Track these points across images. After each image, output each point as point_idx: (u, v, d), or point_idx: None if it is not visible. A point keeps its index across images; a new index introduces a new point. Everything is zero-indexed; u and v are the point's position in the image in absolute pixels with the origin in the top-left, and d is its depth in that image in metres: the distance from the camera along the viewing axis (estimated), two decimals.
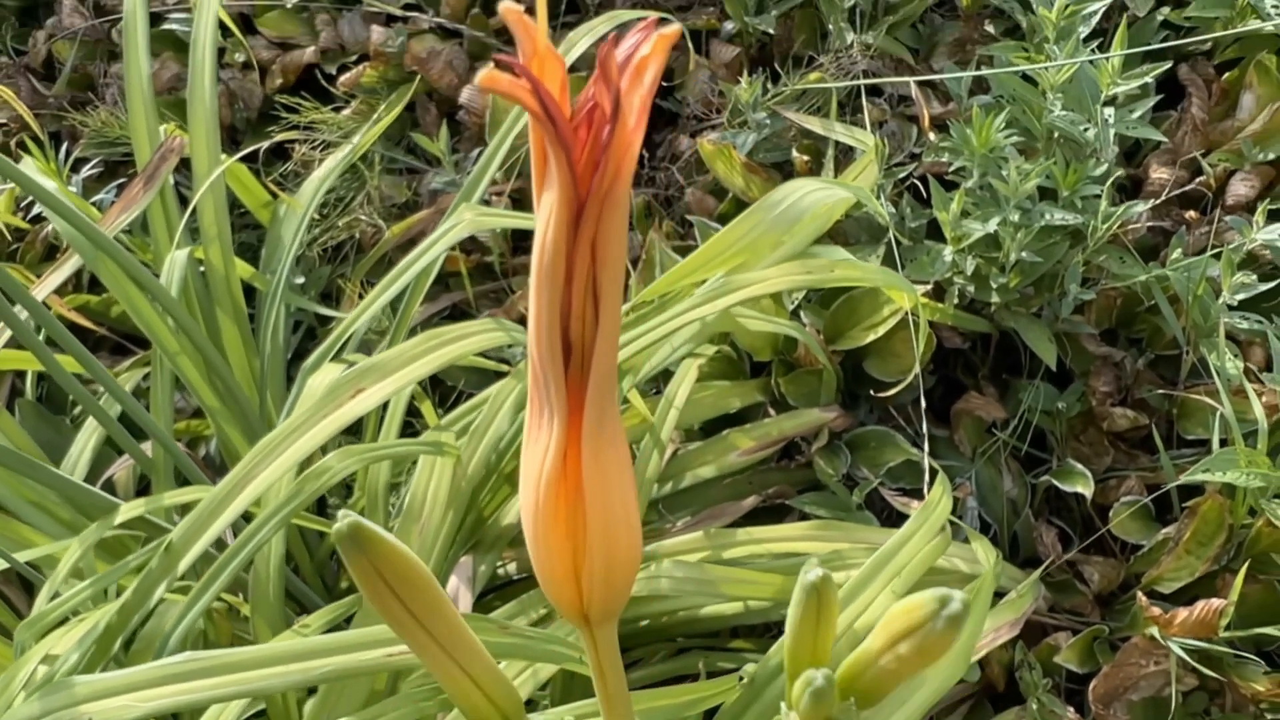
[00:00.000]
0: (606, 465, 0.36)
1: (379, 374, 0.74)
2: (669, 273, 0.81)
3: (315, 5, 1.45)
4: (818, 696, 0.36)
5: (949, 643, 0.35)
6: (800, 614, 0.37)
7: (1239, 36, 1.24)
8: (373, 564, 0.36)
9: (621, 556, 0.38)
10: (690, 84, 1.34)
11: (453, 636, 0.39)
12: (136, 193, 1.08)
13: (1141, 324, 1.17)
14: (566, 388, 0.34)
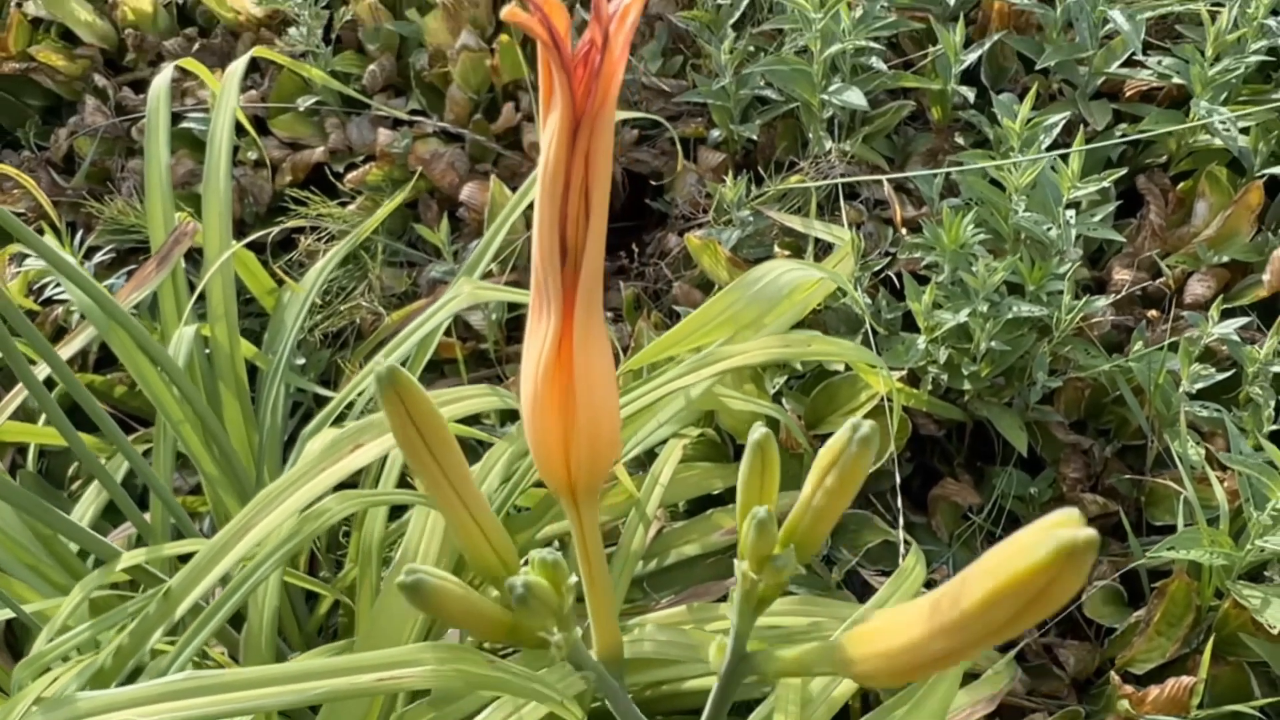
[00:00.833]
0: (592, 353, 0.42)
1: (377, 430, 0.78)
2: (654, 343, 0.86)
3: (326, 109, 1.54)
4: (760, 528, 0.42)
5: (865, 465, 0.41)
6: (748, 469, 0.42)
7: (1192, 150, 1.32)
8: (402, 401, 0.41)
9: (604, 435, 0.44)
10: (679, 186, 1.41)
11: (464, 482, 0.43)
12: (150, 272, 1.13)
13: (1109, 415, 1.22)
14: (562, 284, 0.40)
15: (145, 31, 1.59)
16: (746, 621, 0.45)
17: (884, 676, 0.39)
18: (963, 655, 0.35)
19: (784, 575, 0.43)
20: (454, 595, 0.42)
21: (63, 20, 1.59)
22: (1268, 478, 0.97)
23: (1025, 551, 0.31)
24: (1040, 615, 0.32)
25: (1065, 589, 0.31)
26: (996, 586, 0.32)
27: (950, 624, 0.35)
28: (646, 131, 1.48)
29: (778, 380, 1.18)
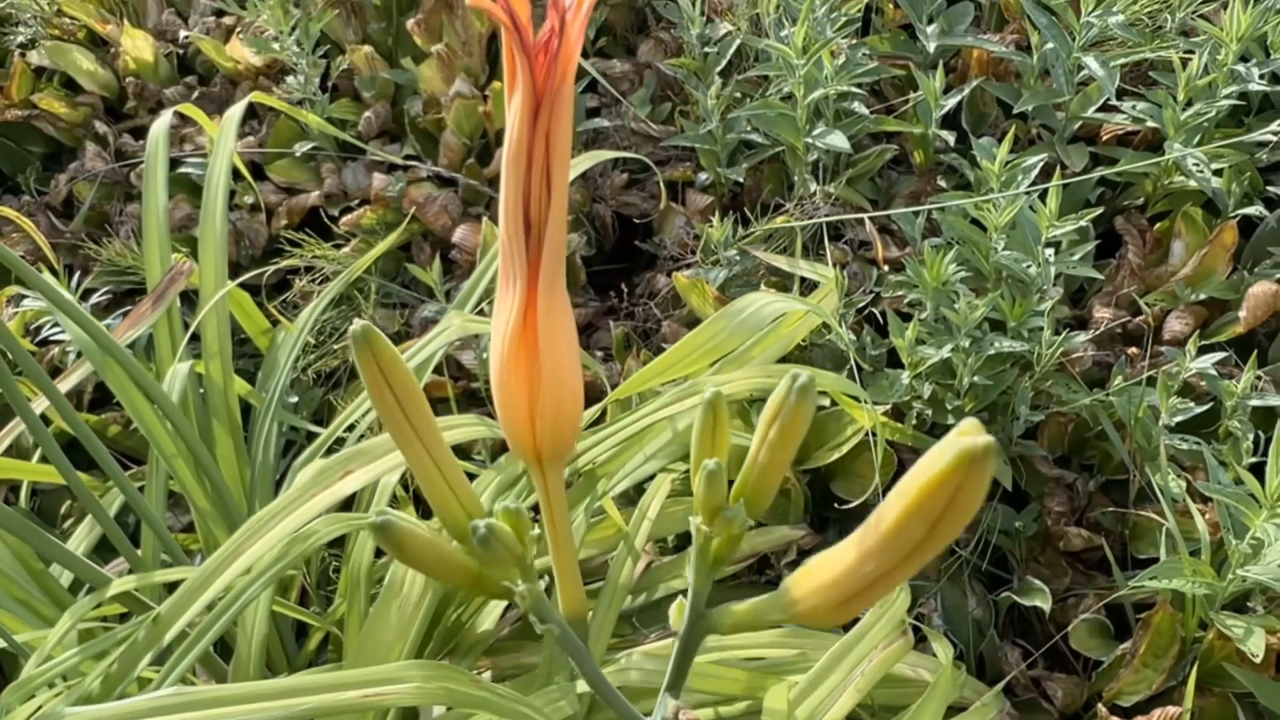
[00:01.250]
0: (556, 321, 0.44)
1: (367, 458, 0.79)
2: (640, 372, 0.88)
3: (322, 155, 1.57)
4: (711, 479, 0.44)
5: (806, 414, 0.43)
6: (700, 427, 0.43)
7: (1168, 192, 1.35)
8: (376, 359, 0.43)
9: (567, 400, 0.46)
10: (667, 228, 1.44)
11: (433, 438, 0.45)
12: (146, 310, 1.15)
13: (1092, 449, 1.24)
14: (527, 256, 0.42)
15: (146, 80, 1.62)
16: (703, 579, 0.46)
17: (825, 610, 0.40)
18: (891, 579, 0.38)
19: (735, 527, 0.45)
20: (422, 539, 0.43)
21: (65, 69, 1.62)
22: (1246, 507, 0.98)
23: (931, 463, 0.33)
24: (952, 530, 0.35)
25: (971, 497, 0.33)
26: (909, 503, 0.34)
27: (875, 546, 0.37)
28: (636, 175, 1.51)
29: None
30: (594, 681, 0.51)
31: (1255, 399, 1.13)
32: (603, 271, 1.50)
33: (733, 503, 0.44)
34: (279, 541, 0.73)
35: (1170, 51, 1.31)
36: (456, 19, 1.56)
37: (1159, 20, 1.41)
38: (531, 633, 1.10)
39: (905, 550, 0.36)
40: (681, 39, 1.47)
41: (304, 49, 1.51)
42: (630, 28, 1.66)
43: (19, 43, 1.63)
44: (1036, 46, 1.36)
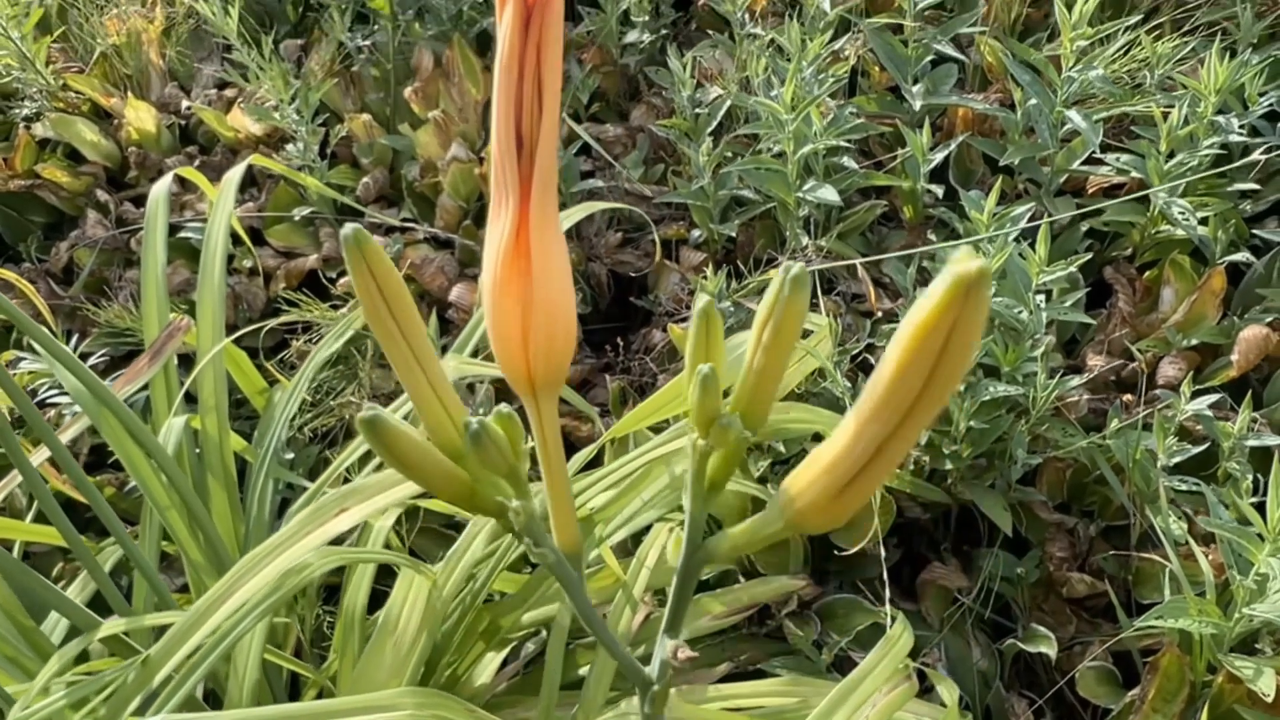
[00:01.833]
0: (549, 238, 0.44)
1: (362, 495, 0.78)
2: (634, 411, 0.88)
3: (320, 220, 1.59)
4: (705, 382, 0.42)
5: (800, 309, 0.41)
6: (694, 337, 0.43)
7: (1155, 241, 1.37)
8: (367, 263, 0.42)
9: (560, 321, 0.45)
10: (662, 284, 1.46)
11: (424, 350, 0.44)
12: (143, 366, 1.16)
13: (1091, 495, 1.23)
14: (519, 173, 0.42)
15: (148, 150, 1.65)
16: (700, 504, 0.45)
17: (825, 502, 0.39)
18: (890, 450, 0.36)
19: (731, 437, 0.43)
20: (411, 440, 0.42)
21: (69, 140, 1.65)
22: (1249, 543, 0.97)
23: (925, 301, 0.32)
24: (951, 375, 0.33)
25: (968, 332, 0.32)
26: (905, 348, 0.33)
27: (873, 409, 0.35)
28: (630, 234, 1.53)
29: (762, 464, 1.19)
30: (586, 616, 0.50)
31: (1252, 439, 1.13)
32: (598, 329, 1.51)
33: (730, 413, 0.43)
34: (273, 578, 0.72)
35: (1151, 104, 1.34)
36: (453, 86, 1.59)
37: (1138, 78, 1.44)
38: (529, 687, 1.08)
39: (903, 407, 0.35)
40: (673, 102, 1.51)
41: (304, 117, 1.54)
42: (623, 94, 1.70)
43: (24, 115, 1.67)
44: (1020, 103, 1.39)
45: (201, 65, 1.76)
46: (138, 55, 1.73)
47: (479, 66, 1.59)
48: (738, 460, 0.45)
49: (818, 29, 1.45)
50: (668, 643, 0.49)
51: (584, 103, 1.64)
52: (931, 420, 0.37)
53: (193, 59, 1.79)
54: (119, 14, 1.76)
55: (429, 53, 1.62)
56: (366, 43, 1.70)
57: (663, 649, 0.49)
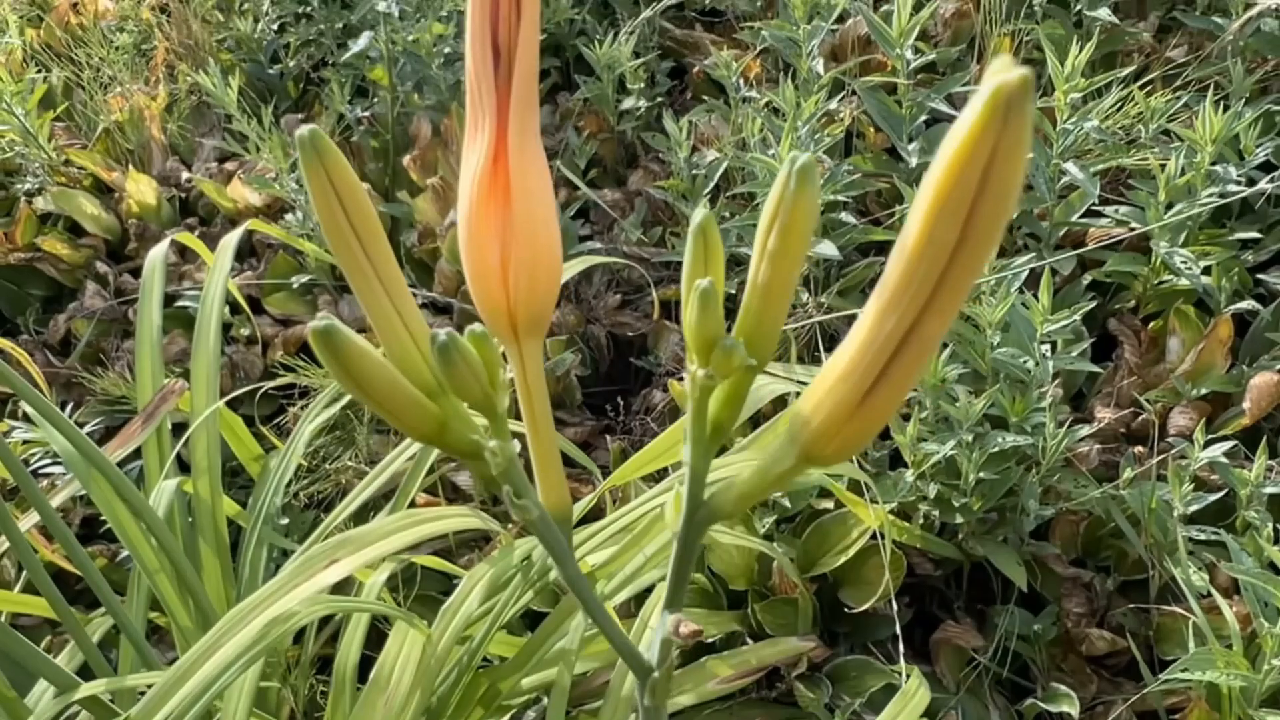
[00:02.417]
0: (529, 162, 0.40)
1: (354, 546, 0.76)
2: (634, 458, 0.86)
3: (318, 288, 1.59)
4: (704, 298, 0.37)
5: (808, 206, 0.35)
6: (691, 254, 0.39)
7: (1159, 292, 1.36)
8: (325, 167, 0.38)
9: (543, 252, 0.41)
10: (662, 345, 1.44)
11: (390, 271, 0.39)
12: (135, 429, 1.14)
13: (1107, 549, 1.20)
14: (496, 89, 0.39)
15: (148, 221, 1.66)
16: (701, 451, 0.40)
17: (844, 419, 0.34)
18: (924, 333, 0.31)
19: (735, 361, 0.38)
20: (373, 360, 0.37)
21: (70, 214, 1.66)
22: (1276, 589, 0.94)
23: (959, 124, 0.27)
24: (995, 221, 0.28)
25: (1011, 155, 0.27)
26: (937, 189, 0.28)
27: (898, 281, 0.30)
28: (629, 296, 1.52)
29: (767, 520, 1.16)
30: (576, 588, 0.45)
31: (1270, 486, 1.10)
32: (598, 392, 1.49)
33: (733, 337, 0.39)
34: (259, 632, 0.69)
35: (1148, 156, 1.34)
36: (451, 154, 1.60)
37: (1133, 133, 1.45)
38: None
39: (934, 271, 0.29)
40: (670, 166, 1.51)
41: (303, 187, 1.55)
42: (620, 161, 1.71)
43: (26, 190, 1.68)
44: None
45: (203, 140, 1.78)
46: (140, 131, 1.74)
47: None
48: (742, 399, 0.41)
49: (812, 90, 1.46)
50: (668, 618, 0.44)
51: (581, 169, 1.64)
52: (965, 297, 0.31)
53: (194, 134, 1.80)
54: (122, 91, 1.78)
55: (427, 122, 1.64)
56: (366, 114, 1.72)
57: (663, 627, 0.44)
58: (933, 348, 0.33)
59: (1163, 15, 1.64)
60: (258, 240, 1.65)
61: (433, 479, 1.30)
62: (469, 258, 0.42)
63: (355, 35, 1.72)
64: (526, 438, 0.46)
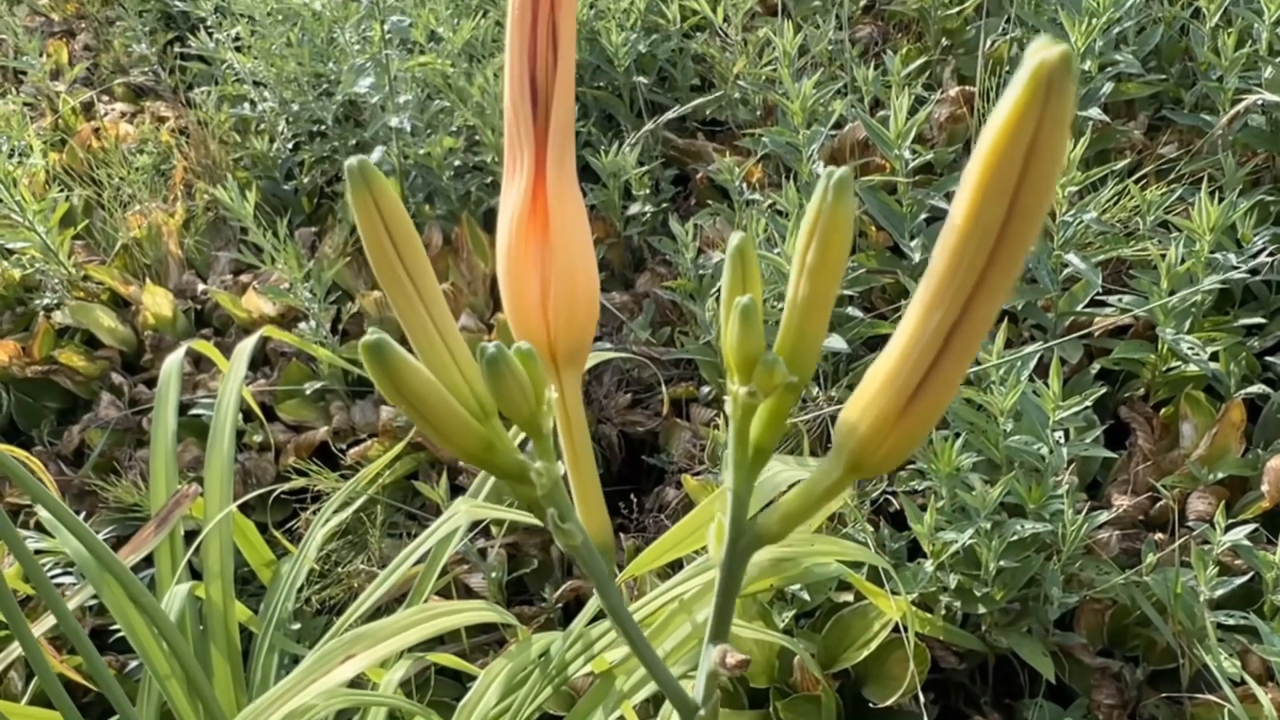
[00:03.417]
0: (566, 198, 0.41)
1: (370, 641, 0.75)
2: (651, 548, 0.85)
3: (331, 394, 1.60)
4: (745, 314, 0.37)
5: (846, 217, 0.35)
6: (729, 276, 0.39)
7: (1168, 380, 1.37)
8: (373, 197, 0.39)
9: (581, 284, 0.42)
10: (674, 443, 1.44)
11: (435, 299, 0.40)
12: (148, 535, 1.13)
13: (1134, 638, 1.17)
14: (534, 130, 0.40)
15: (164, 333, 1.68)
16: (744, 475, 0.40)
17: (891, 424, 0.34)
18: (967, 332, 0.30)
19: (776, 378, 0.38)
20: (422, 375, 0.37)
21: (88, 327, 1.68)
22: None
23: (1002, 105, 0.27)
24: (1038, 197, 0.28)
25: (1055, 133, 0.27)
26: (983, 169, 0.28)
27: (942, 276, 0.30)
28: (639, 396, 1.53)
29: (786, 614, 1.14)
30: (619, 618, 0.44)
31: None
32: (612, 491, 1.48)
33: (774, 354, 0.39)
34: None
35: (1148, 246, 1.36)
36: (462, 261, 1.63)
37: (1131, 225, 1.48)
38: None
39: (983, 256, 0.29)
40: (676, 268, 1.54)
41: (316, 295, 1.58)
42: (627, 265, 1.74)
43: (45, 305, 1.71)
44: None
45: (218, 253, 1.81)
46: (157, 246, 1.78)
47: (487, 242, 1.64)
48: (783, 418, 0.41)
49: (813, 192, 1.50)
50: (713, 651, 0.43)
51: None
52: (1012, 283, 0.31)
53: (210, 248, 1.84)
54: (141, 209, 1.83)
55: (439, 231, 1.67)
56: None
57: (708, 659, 0.43)
58: (978, 340, 0.33)
59: (1152, 115, 1.69)
60: (271, 349, 1.67)
61: (446, 580, 1.29)
62: (509, 291, 0.43)
63: (368, 150, 1.77)
64: (566, 470, 0.46)
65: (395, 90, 1.65)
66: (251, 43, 1.82)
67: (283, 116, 1.87)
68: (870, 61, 1.73)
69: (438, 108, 1.69)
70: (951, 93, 1.67)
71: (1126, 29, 1.62)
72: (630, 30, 1.75)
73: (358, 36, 1.70)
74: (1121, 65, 1.56)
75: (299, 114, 1.84)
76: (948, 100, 1.66)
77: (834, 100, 1.58)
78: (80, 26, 2.54)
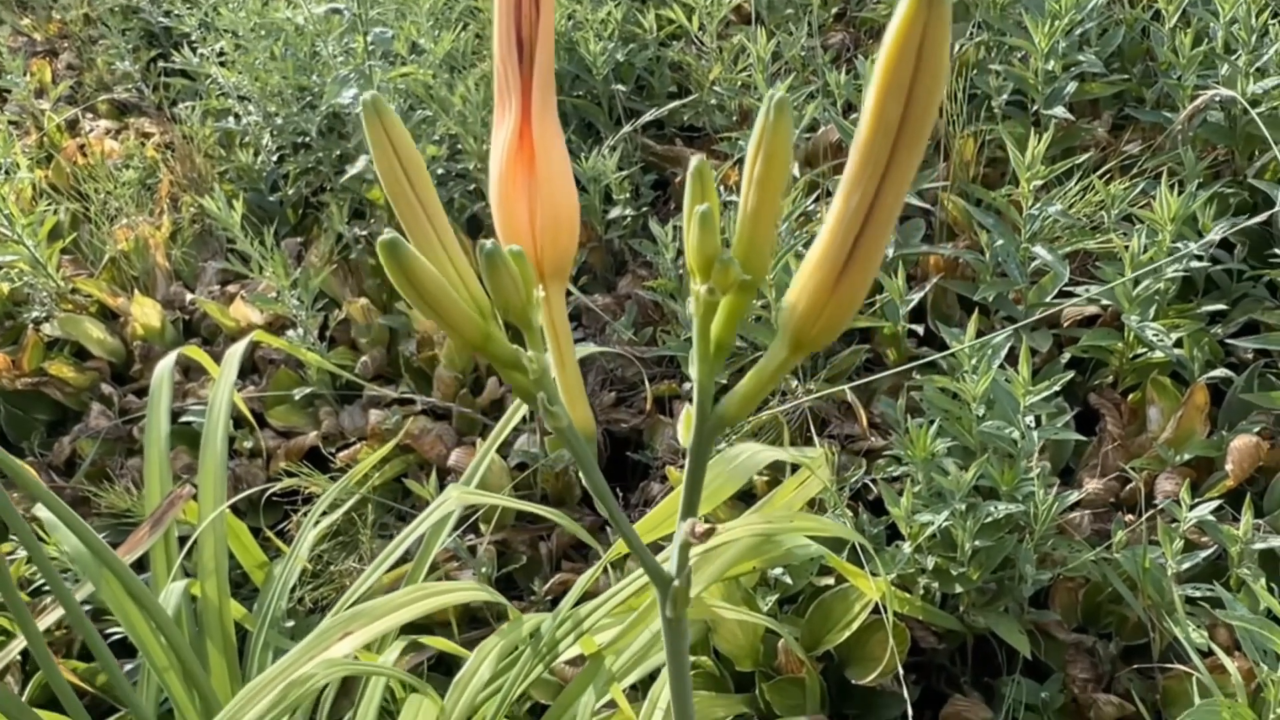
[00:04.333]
0: (549, 134, 0.47)
1: (367, 618, 0.77)
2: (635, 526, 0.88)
3: (320, 400, 1.62)
4: (703, 220, 0.42)
5: (786, 132, 0.41)
6: (689, 190, 0.43)
7: (1135, 366, 1.41)
8: (385, 129, 0.45)
9: (564, 208, 0.48)
10: (658, 440, 1.48)
11: (437, 213, 0.46)
12: (143, 535, 1.15)
13: (1107, 614, 1.21)
14: (520, 75, 0.46)
15: (153, 343, 1.70)
16: (707, 367, 0.45)
17: (824, 302, 0.40)
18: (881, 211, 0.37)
19: (731, 276, 0.43)
20: (431, 271, 0.42)
21: (77, 339, 1.70)
22: (1272, 634, 0.95)
23: (895, 18, 0.33)
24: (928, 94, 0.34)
25: (937, 43, 0.33)
26: (882, 74, 0.34)
27: (856, 167, 0.36)
28: (623, 394, 1.56)
29: (770, 599, 1.17)
30: (599, 493, 0.49)
31: (1259, 543, 1.13)
32: None
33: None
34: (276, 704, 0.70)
35: (1112, 237, 1.41)
36: None
37: (1096, 219, 1.52)
38: None
39: (887, 147, 0.35)
40: (657, 269, 1.58)
41: (304, 303, 1.60)
42: (609, 268, 1.78)
43: (34, 318, 1.73)
44: (987, 245, 1.46)
45: (205, 265, 1.84)
46: (145, 258, 1.81)
47: (471, 247, 1.67)
48: (740, 316, 0.45)
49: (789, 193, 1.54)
50: (683, 525, 0.48)
51: (572, 277, 1.71)
52: (914, 170, 0.37)
53: (197, 259, 1.87)
54: (128, 223, 1.86)
55: None
56: (363, 234, 1.79)
57: (680, 533, 0.48)
58: (891, 220, 0.39)
59: (1115, 113, 1.74)
60: (260, 357, 1.69)
61: (436, 577, 1.32)
62: (501, 217, 0.49)
63: (352, 161, 1.80)
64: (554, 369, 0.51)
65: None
66: (235, 58, 1.85)
67: (267, 129, 1.90)
68: (842, 66, 1.77)
69: (420, 117, 1.72)
70: None
71: (1089, 30, 1.67)
72: (608, 40, 1.79)
73: (341, 49, 1.73)
74: (1085, 65, 1.61)
75: (283, 127, 1.87)
76: None
77: (807, 104, 1.62)
78: (63, 45, 2.56)
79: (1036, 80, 1.58)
